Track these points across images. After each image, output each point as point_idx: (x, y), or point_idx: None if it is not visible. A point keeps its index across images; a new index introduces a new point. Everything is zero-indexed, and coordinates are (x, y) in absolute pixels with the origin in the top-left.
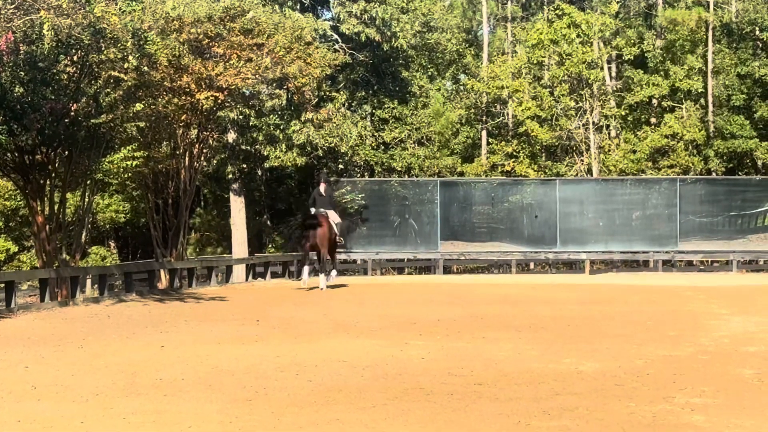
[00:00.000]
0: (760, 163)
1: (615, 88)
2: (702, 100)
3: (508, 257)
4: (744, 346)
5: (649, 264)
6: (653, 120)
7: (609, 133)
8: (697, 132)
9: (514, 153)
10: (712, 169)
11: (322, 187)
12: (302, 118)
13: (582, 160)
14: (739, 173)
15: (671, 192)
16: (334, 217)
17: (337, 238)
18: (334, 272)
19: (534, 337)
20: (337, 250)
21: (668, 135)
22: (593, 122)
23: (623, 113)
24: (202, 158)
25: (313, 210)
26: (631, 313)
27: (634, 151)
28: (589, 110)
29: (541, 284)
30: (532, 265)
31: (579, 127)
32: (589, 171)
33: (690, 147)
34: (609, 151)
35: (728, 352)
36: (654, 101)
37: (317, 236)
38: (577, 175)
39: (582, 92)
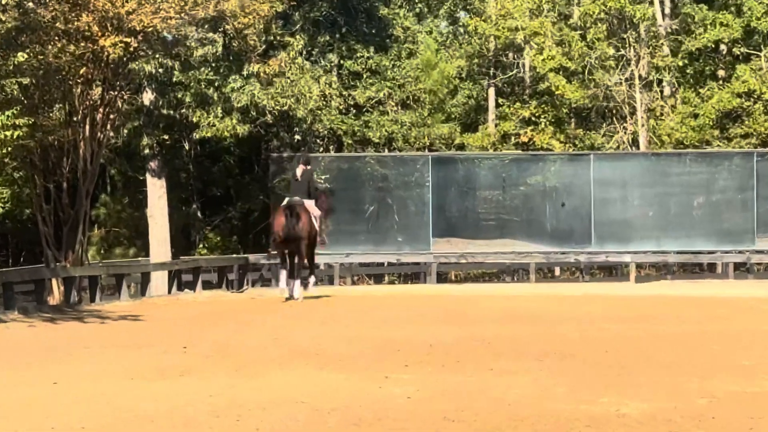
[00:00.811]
0: None
1: (670, 30)
2: None
3: (525, 260)
4: None
5: (716, 268)
6: (721, 73)
7: (661, 92)
8: None
9: (533, 118)
10: None
11: (299, 171)
12: (245, 72)
13: (625, 128)
14: None
15: (746, 170)
16: (312, 210)
17: (319, 237)
18: (312, 279)
19: (560, 368)
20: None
21: (742, 93)
22: (640, 76)
23: (681, 64)
24: (109, 127)
25: (287, 199)
26: (691, 334)
27: (696, 116)
28: (635, 60)
29: (570, 296)
30: (557, 271)
31: (621, 83)
32: (635, 142)
33: None
34: (661, 115)
35: None
36: (723, 48)
37: (293, 232)
38: (618, 147)
39: (625, 36)
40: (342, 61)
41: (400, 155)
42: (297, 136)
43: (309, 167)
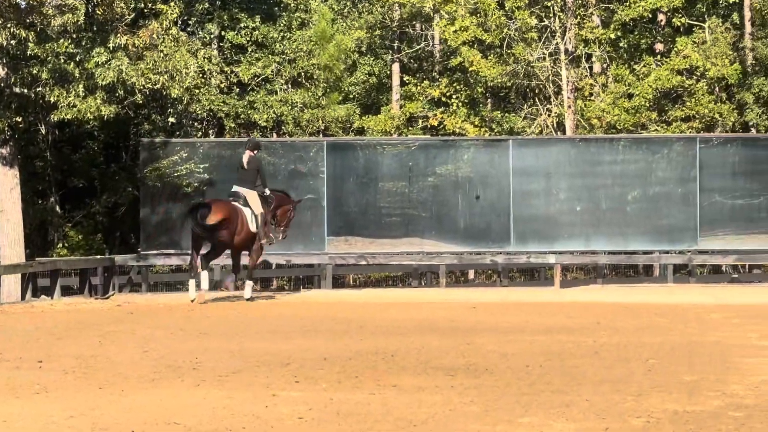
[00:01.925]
0: None
1: None
2: (735, 15)
3: (434, 261)
4: None
5: (653, 271)
6: (659, 47)
7: (590, 68)
8: (728, 65)
9: (444, 99)
10: (752, 123)
11: (245, 157)
12: (110, 45)
13: (549, 110)
14: None
15: (687, 159)
16: (254, 203)
17: (262, 239)
18: (249, 284)
19: (474, 384)
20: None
21: (683, 70)
22: (566, 51)
23: (613, 37)
24: None
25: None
26: (626, 346)
27: (630, 96)
28: (560, 32)
29: (486, 303)
30: (471, 274)
31: (544, 59)
32: (560, 126)
33: (717, 89)
34: (590, 95)
35: None
36: (661, 18)
37: (200, 222)
38: (541, 132)
39: (549, 4)
40: (223, 33)
41: (291, 141)
42: (171, 119)
43: (257, 153)
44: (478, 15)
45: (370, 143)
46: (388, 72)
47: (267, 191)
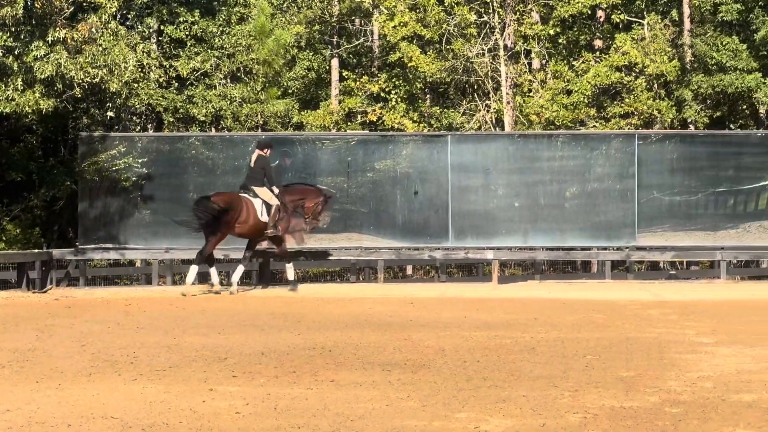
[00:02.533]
0: (763, 109)
1: None
2: (674, 12)
3: (372, 257)
4: (736, 392)
5: (591, 267)
6: (598, 44)
7: (529, 65)
8: (667, 62)
9: (383, 94)
10: (690, 120)
11: (254, 156)
12: (49, 38)
13: (488, 106)
14: (731, 126)
15: (626, 155)
16: (265, 196)
17: (269, 229)
18: (289, 267)
19: (412, 380)
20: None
21: (622, 67)
22: (505, 47)
23: (552, 33)
24: None
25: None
26: (563, 342)
27: (569, 92)
28: (500, 28)
29: (424, 298)
30: (410, 269)
31: (483, 55)
32: (499, 122)
33: (655, 85)
34: (529, 91)
35: (712, 403)
36: (600, 14)
37: (214, 212)
38: (480, 128)
39: (488, 0)
40: (162, 27)
41: (229, 136)
42: (110, 113)
43: (266, 152)
44: (418, 11)
45: (308, 138)
46: (327, 67)
47: (276, 190)
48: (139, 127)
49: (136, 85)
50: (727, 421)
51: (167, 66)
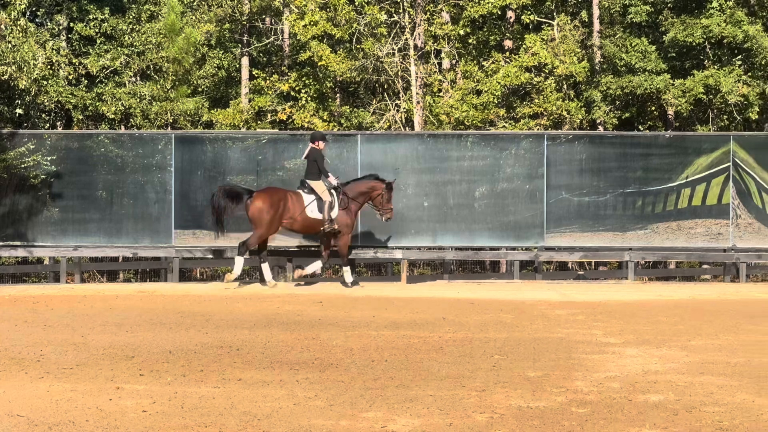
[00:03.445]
0: (672, 111)
1: None
2: (584, 14)
3: (281, 256)
4: (642, 393)
5: (499, 267)
6: (508, 44)
7: (439, 65)
8: (576, 63)
9: (293, 93)
10: (599, 121)
11: (307, 150)
12: None
13: (398, 106)
14: (640, 127)
15: (535, 156)
16: (320, 191)
17: (326, 224)
18: (346, 270)
19: (319, 379)
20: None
21: (531, 67)
22: (415, 47)
23: (462, 33)
24: None
25: None
26: (471, 342)
27: (479, 93)
28: (410, 28)
29: (333, 297)
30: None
31: (393, 54)
32: (409, 122)
33: (565, 86)
34: (439, 91)
35: (619, 403)
36: (510, 14)
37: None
38: (389, 127)
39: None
40: (72, 24)
41: (139, 134)
42: (19, 110)
43: (318, 144)
44: (328, 10)
45: (218, 137)
46: (238, 66)
47: (333, 181)
48: (48, 125)
49: (45, 82)
50: (633, 421)
51: (77, 63)
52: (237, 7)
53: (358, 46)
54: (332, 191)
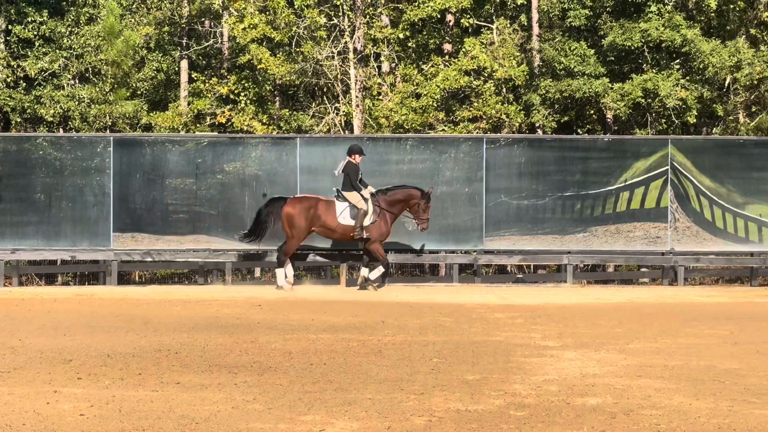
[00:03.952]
0: (610, 115)
1: None
2: (523, 17)
3: (220, 259)
4: (580, 396)
5: (439, 270)
6: (448, 48)
7: (379, 68)
8: (516, 67)
9: (232, 96)
10: (538, 124)
11: (343, 163)
12: None
13: (337, 109)
14: (579, 131)
15: (474, 159)
16: (354, 200)
17: (356, 231)
18: (376, 270)
19: (257, 382)
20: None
21: (471, 71)
22: (355, 50)
23: (401, 36)
24: None
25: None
26: (410, 345)
27: (418, 96)
28: (349, 31)
29: (272, 301)
30: (258, 272)
31: (333, 58)
32: (348, 125)
33: (504, 90)
34: (379, 95)
35: (557, 406)
36: (449, 18)
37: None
38: (329, 130)
39: (339, 3)
40: (10, 27)
41: (77, 136)
42: None
43: (354, 158)
44: (267, 13)
45: (158, 140)
46: (177, 69)
47: (366, 193)
48: None
49: None
50: (571, 424)
51: (15, 66)
52: (176, 10)
53: (298, 50)
54: (367, 200)
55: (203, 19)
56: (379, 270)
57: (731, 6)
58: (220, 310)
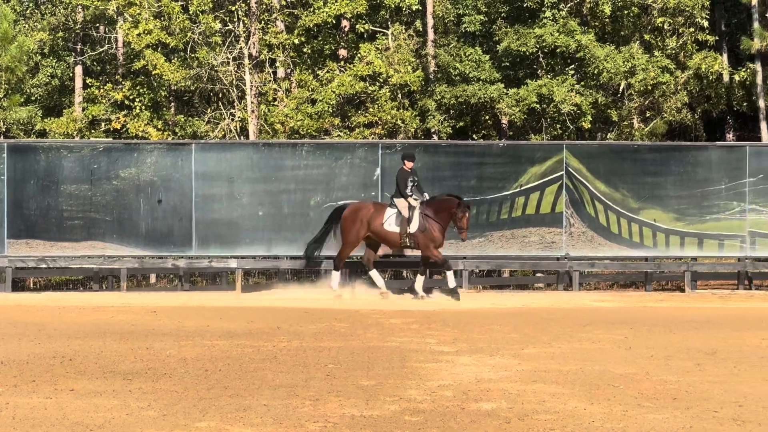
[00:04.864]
0: (505, 120)
1: (285, 3)
2: (418, 23)
3: (115, 265)
4: (475, 401)
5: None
6: (343, 53)
7: (274, 74)
8: (411, 72)
9: (127, 102)
10: (434, 130)
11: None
12: None
13: (233, 115)
14: (474, 136)
15: (370, 165)
16: (401, 207)
17: (403, 238)
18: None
19: (152, 388)
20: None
21: (366, 76)
22: (250, 56)
23: (297, 42)
24: None
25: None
26: (305, 351)
27: (314, 102)
28: (245, 37)
29: (168, 307)
30: (153, 278)
31: (228, 63)
32: (244, 131)
33: (399, 95)
34: (274, 100)
35: (451, 412)
36: (345, 24)
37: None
38: (224, 136)
39: (234, 8)
40: None
41: None
42: None
43: (405, 165)
44: (162, 18)
45: (52, 146)
46: (71, 74)
47: (413, 202)
48: None
49: None
50: (465, 429)
51: None
52: (71, 16)
53: (193, 55)
54: (413, 208)
55: (98, 25)
56: (450, 275)
57: (625, 12)
58: (115, 316)
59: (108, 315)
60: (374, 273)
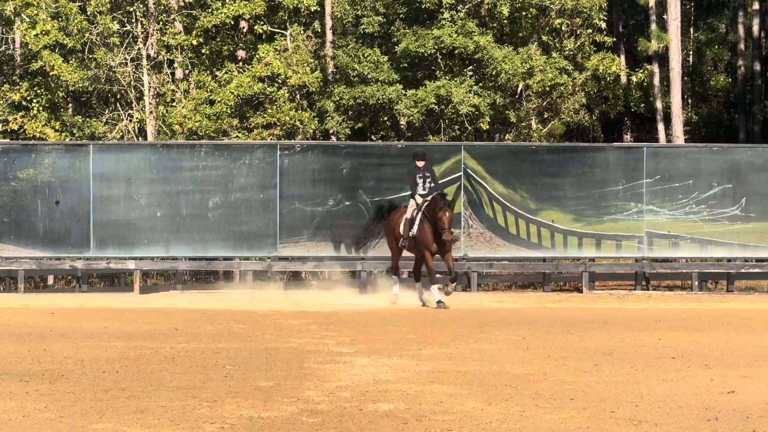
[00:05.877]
0: (404, 121)
1: (183, 4)
2: (317, 24)
3: (12, 267)
4: (373, 402)
5: (233, 277)
6: (242, 54)
7: (173, 74)
8: (309, 73)
9: (25, 102)
10: (332, 131)
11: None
12: None
13: (131, 116)
14: (373, 137)
15: (269, 166)
16: (410, 208)
17: (402, 240)
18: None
19: (49, 390)
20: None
21: (265, 77)
22: (148, 56)
23: (195, 43)
24: None
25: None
26: (203, 352)
27: (212, 103)
28: (143, 38)
29: (65, 309)
30: (51, 279)
31: (126, 64)
32: (142, 132)
33: (298, 96)
34: (172, 101)
35: (349, 413)
36: (243, 25)
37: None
38: (122, 137)
39: (132, 9)
40: None
41: None
42: None
43: (415, 163)
44: (60, 19)
45: None
46: None
47: (418, 199)
48: None
49: None
50: (363, 430)
51: None
52: None
53: (91, 56)
54: (414, 209)
55: None
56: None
57: (523, 13)
58: (12, 318)
59: (5, 317)
60: (420, 287)
